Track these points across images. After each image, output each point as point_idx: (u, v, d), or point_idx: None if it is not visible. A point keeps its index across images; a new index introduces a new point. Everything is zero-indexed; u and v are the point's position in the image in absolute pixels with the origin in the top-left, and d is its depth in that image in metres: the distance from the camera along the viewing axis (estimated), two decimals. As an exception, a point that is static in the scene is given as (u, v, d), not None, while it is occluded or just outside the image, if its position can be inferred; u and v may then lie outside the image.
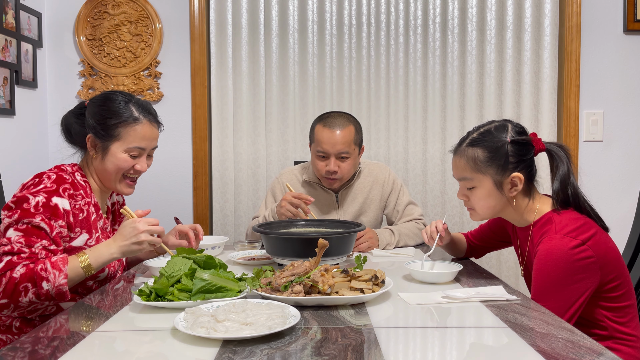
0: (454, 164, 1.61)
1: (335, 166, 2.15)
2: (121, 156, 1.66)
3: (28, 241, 1.48)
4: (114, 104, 1.67)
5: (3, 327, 1.57)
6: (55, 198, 1.54)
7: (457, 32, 2.96)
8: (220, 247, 2.02)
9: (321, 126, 2.18)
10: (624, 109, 2.98)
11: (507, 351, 1.06)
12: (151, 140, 1.72)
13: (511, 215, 1.60)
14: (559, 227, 1.45)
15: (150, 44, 2.98)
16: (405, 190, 2.32)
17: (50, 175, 1.60)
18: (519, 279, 2.96)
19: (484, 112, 2.95)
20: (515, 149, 1.51)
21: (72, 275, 1.49)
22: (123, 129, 1.65)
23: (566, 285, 1.40)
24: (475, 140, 1.55)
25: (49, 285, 1.44)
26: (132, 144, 1.66)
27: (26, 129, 2.82)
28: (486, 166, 1.52)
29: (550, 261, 1.41)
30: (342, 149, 2.13)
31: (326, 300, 1.30)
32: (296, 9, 2.97)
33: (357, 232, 1.75)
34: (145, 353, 1.05)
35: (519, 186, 1.52)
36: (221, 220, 3.01)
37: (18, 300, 1.44)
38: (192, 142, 3.02)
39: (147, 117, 1.70)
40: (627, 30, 2.92)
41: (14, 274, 1.43)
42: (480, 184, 1.54)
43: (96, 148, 1.68)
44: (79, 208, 1.62)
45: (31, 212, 1.50)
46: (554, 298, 1.40)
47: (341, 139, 2.13)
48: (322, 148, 2.14)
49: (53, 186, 1.56)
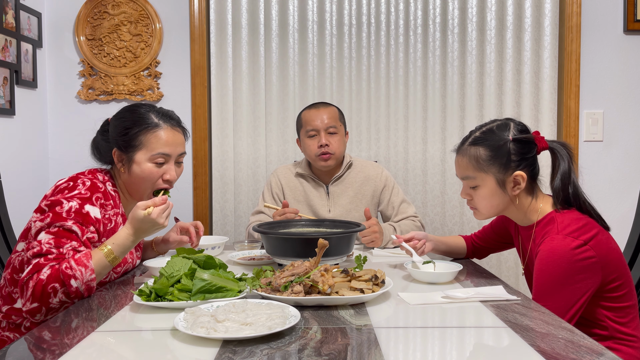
0: (457, 163, 1.61)
1: (326, 140, 2.25)
2: (146, 166, 1.64)
3: (58, 242, 1.46)
4: (134, 114, 1.67)
5: (12, 325, 1.57)
6: (88, 206, 1.54)
7: (457, 32, 2.96)
8: (220, 247, 2.03)
9: (306, 110, 2.34)
10: (624, 109, 2.98)
11: (507, 351, 1.06)
12: (176, 146, 1.68)
13: (514, 214, 1.60)
14: (560, 227, 1.45)
15: (150, 44, 2.98)
16: (399, 189, 2.37)
17: (85, 181, 1.59)
18: (519, 279, 2.96)
19: (484, 112, 2.95)
20: (517, 147, 1.51)
21: (99, 270, 1.47)
22: (144, 137, 1.63)
23: (567, 285, 1.40)
24: (478, 139, 1.55)
25: (77, 282, 1.42)
26: (155, 150, 1.64)
27: (26, 129, 2.82)
28: (488, 165, 1.52)
29: (552, 261, 1.41)
30: (330, 122, 2.27)
31: (326, 300, 1.30)
32: (296, 9, 2.97)
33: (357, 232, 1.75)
34: (145, 353, 1.05)
35: (521, 184, 1.52)
36: (221, 220, 3.01)
37: (49, 302, 1.42)
38: (192, 142, 3.02)
39: (168, 123, 1.68)
40: (627, 30, 2.92)
41: (41, 276, 1.41)
42: (483, 182, 1.54)
43: (122, 162, 1.67)
44: (109, 218, 1.61)
45: (63, 216, 1.49)
46: (555, 298, 1.40)
47: (327, 114, 2.29)
48: (312, 125, 2.28)
49: (87, 194, 1.55)
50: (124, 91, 2.98)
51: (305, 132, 2.29)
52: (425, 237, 1.82)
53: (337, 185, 2.33)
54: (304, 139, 2.31)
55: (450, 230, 3.01)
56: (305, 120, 2.31)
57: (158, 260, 1.74)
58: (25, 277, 1.43)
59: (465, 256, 1.93)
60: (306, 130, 2.29)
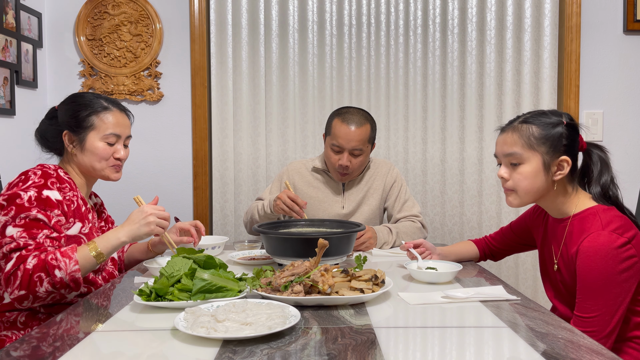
0: (503, 140, 1.56)
1: (347, 161, 2.21)
2: (99, 144, 1.72)
3: (30, 234, 1.52)
4: (83, 98, 1.75)
5: (7, 323, 1.58)
6: (46, 191, 1.59)
7: (457, 32, 2.96)
8: (220, 247, 2.03)
9: (339, 120, 2.22)
10: (624, 109, 2.98)
11: (507, 351, 1.06)
12: (124, 127, 1.78)
13: (550, 203, 1.56)
14: (605, 222, 1.44)
15: (151, 44, 2.98)
16: (406, 187, 2.37)
17: (35, 171, 1.64)
18: (519, 279, 2.95)
19: (484, 112, 2.95)
20: (569, 132, 1.50)
21: (84, 263, 1.52)
22: (96, 117, 1.72)
23: (616, 284, 1.38)
24: (530, 119, 1.53)
25: (61, 272, 1.48)
26: (107, 130, 1.73)
27: (26, 129, 2.81)
28: (539, 143, 1.49)
29: (600, 258, 1.39)
30: (356, 145, 2.19)
31: (326, 300, 1.30)
32: (296, 9, 2.97)
33: (357, 232, 1.75)
34: (145, 353, 1.05)
35: (565, 170, 1.50)
36: (221, 220, 3.01)
37: (35, 291, 1.47)
38: (192, 142, 3.02)
39: (116, 107, 1.78)
40: (627, 30, 2.93)
41: (27, 266, 1.47)
42: (529, 161, 1.50)
43: (73, 143, 1.73)
44: (69, 199, 1.66)
45: (26, 206, 1.54)
46: (606, 297, 1.38)
47: (357, 136, 2.19)
48: (338, 142, 2.20)
49: (41, 181, 1.61)
50: (124, 91, 2.98)
51: (331, 144, 2.23)
52: (432, 250, 1.81)
53: (352, 182, 2.34)
54: (327, 146, 2.26)
55: (450, 230, 3.01)
56: (334, 132, 2.21)
57: (158, 260, 1.74)
58: (11, 269, 1.47)
59: (478, 260, 1.91)
60: (332, 142, 2.22)
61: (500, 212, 2.95)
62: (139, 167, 3.04)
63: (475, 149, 2.97)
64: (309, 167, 2.37)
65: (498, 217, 2.96)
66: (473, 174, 2.98)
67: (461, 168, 3.00)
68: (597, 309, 1.38)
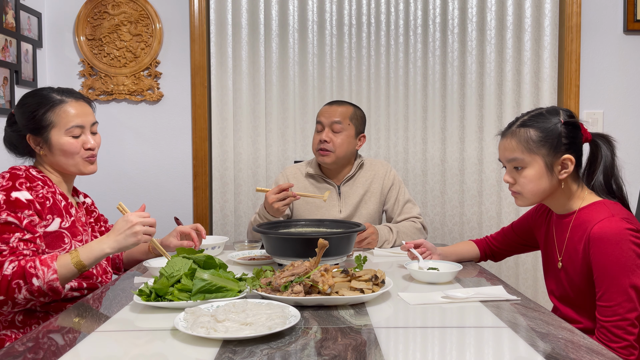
0: (504, 145, 1.56)
1: (327, 136, 2.24)
2: (64, 140, 1.67)
3: (2, 239, 1.50)
4: (36, 97, 1.69)
5: (6, 323, 1.58)
6: (15, 192, 1.56)
7: (457, 32, 2.96)
8: (220, 247, 2.03)
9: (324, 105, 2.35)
10: (624, 109, 2.98)
11: (507, 351, 1.06)
12: (86, 116, 1.71)
13: (557, 201, 1.56)
14: (613, 210, 1.44)
15: (150, 44, 2.98)
16: (405, 189, 2.35)
17: (4, 175, 1.62)
18: (519, 279, 2.95)
19: (484, 112, 2.95)
20: (567, 130, 1.50)
21: (63, 272, 1.49)
22: (52, 114, 1.66)
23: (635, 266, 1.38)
24: (527, 122, 1.53)
25: (39, 281, 1.45)
26: (68, 124, 1.66)
27: (26, 129, 2.82)
28: (538, 146, 1.50)
29: (614, 243, 1.39)
30: (336, 119, 2.24)
31: (326, 300, 1.30)
32: (296, 9, 2.97)
33: (357, 232, 1.75)
34: (145, 353, 1.05)
35: (569, 168, 1.50)
36: (221, 220, 3.01)
37: (14, 297, 1.46)
38: (192, 142, 3.02)
39: (71, 97, 1.71)
40: (627, 30, 2.92)
41: (5, 272, 1.45)
42: (531, 164, 1.51)
43: (40, 144, 1.69)
44: (43, 197, 1.63)
45: None
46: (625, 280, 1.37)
47: (337, 110, 2.27)
48: (319, 119, 2.29)
49: (9, 183, 1.58)
50: (124, 91, 2.98)
51: (315, 125, 2.31)
52: (433, 250, 1.80)
53: (348, 185, 2.32)
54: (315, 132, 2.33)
55: (450, 230, 3.01)
56: (318, 114, 2.32)
57: (158, 260, 1.74)
58: None
59: (478, 260, 1.91)
60: (316, 123, 2.31)
61: (500, 212, 2.95)
62: (139, 167, 3.04)
63: (476, 149, 2.97)
64: (304, 173, 2.36)
65: (498, 217, 2.96)
66: (473, 174, 2.98)
67: (461, 168, 3.00)
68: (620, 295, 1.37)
